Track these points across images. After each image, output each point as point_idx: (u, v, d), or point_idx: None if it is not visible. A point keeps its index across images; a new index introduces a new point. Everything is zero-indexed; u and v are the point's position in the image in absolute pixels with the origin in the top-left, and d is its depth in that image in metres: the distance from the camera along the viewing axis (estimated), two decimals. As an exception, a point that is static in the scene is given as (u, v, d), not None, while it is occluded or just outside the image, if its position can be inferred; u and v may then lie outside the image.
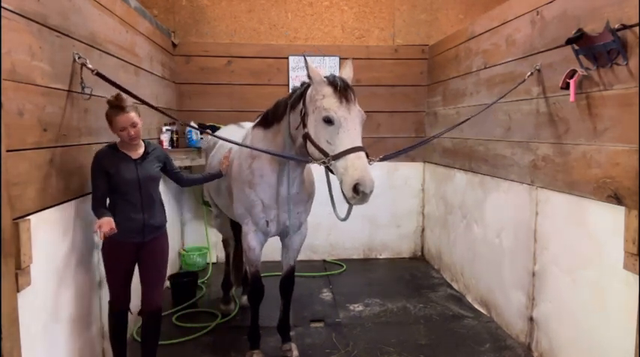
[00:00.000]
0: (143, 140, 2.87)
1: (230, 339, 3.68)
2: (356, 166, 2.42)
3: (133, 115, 2.70)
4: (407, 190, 5.87)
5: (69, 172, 2.66)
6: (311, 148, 2.68)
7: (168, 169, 3.06)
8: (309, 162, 2.78)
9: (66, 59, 2.61)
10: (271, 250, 4.29)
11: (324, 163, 2.58)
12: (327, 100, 2.57)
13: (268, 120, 3.10)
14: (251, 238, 3.16)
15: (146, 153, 2.84)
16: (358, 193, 2.40)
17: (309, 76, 2.70)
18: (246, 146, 3.07)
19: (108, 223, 2.53)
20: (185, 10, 5.54)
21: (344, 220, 2.89)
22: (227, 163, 3.25)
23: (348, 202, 2.55)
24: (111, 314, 2.90)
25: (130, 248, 2.78)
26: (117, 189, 2.70)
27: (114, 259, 2.77)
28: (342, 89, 2.58)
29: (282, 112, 2.96)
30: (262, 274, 4.80)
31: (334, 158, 2.51)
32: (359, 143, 2.52)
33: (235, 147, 3.28)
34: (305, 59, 2.68)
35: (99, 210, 2.65)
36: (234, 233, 4.44)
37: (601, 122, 2.70)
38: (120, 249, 2.75)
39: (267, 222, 3.12)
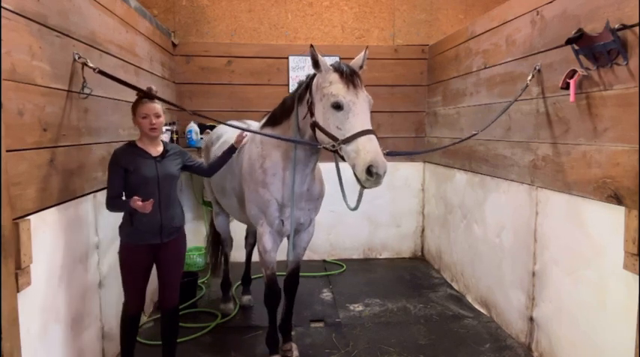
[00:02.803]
0: (161, 140, 2.86)
1: (230, 339, 3.68)
2: (368, 148, 2.42)
3: (157, 105, 2.71)
4: (407, 190, 5.87)
5: (69, 172, 2.66)
6: (320, 136, 2.69)
7: (190, 165, 3.02)
8: (318, 146, 2.77)
9: (66, 59, 2.61)
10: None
11: (333, 146, 2.58)
12: (334, 86, 2.58)
13: (276, 118, 3.10)
14: (266, 240, 3.13)
15: (165, 151, 2.81)
16: (372, 175, 2.39)
17: (315, 66, 2.69)
18: (257, 132, 3.06)
19: (141, 202, 2.50)
20: (185, 10, 5.54)
21: (354, 209, 2.90)
22: (241, 138, 3.08)
23: (362, 186, 2.52)
24: (125, 317, 2.83)
25: (148, 251, 2.73)
26: (135, 187, 2.64)
27: (131, 262, 2.72)
28: (348, 75, 2.59)
29: (290, 106, 2.97)
30: (260, 275, 4.83)
31: (344, 142, 2.50)
32: (369, 126, 2.52)
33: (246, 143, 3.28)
34: (312, 48, 2.65)
35: (117, 201, 2.63)
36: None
37: (601, 122, 2.70)
38: (138, 252, 2.70)
39: (282, 221, 3.12)
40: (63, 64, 2.58)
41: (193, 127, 5.19)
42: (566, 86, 2.84)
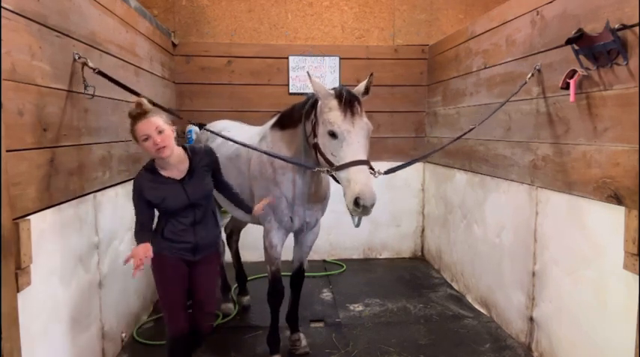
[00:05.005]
0: (184, 146, 2.55)
1: (230, 339, 3.68)
2: (357, 179, 2.45)
3: (155, 119, 2.31)
4: (407, 189, 5.87)
5: (69, 172, 2.66)
6: (320, 158, 2.74)
7: (215, 177, 2.68)
8: (313, 169, 2.82)
9: (66, 59, 2.61)
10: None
11: (328, 171, 2.65)
12: (332, 114, 2.59)
13: (284, 122, 3.14)
14: (273, 235, 3.18)
15: (192, 168, 2.48)
16: (359, 206, 2.43)
17: (314, 91, 2.72)
18: (263, 151, 3.06)
19: (144, 251, 2.25)
20: (185, 10, 5.54)
21: (357, 226, 2.85)
22: (262, 208, 2.94)
23: (350, 214, 2.58)
24: (172, 340, 2.59)
25: (182, 264, 2.54)
26: (166, 212, 2.47)
27: (166, 275, 2.51)
28: (347, 102, 2.58)
29: (298, 118, 2.98)
30: (260, 275, 4.84)
31: (337, 169, 2.57)
32: (362, 157, 2.53)
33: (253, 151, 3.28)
34: (308, 75, 2.70)
35: (140, 234, 2.40)
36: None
37: (601, 122, 2.70)
38: (172, 264, 2.50)
39: (291, 218, 3.15)
40: (63, 64, 2.58)
41: (193, 127, 5.19)
42: (566, 86, 2.84)
